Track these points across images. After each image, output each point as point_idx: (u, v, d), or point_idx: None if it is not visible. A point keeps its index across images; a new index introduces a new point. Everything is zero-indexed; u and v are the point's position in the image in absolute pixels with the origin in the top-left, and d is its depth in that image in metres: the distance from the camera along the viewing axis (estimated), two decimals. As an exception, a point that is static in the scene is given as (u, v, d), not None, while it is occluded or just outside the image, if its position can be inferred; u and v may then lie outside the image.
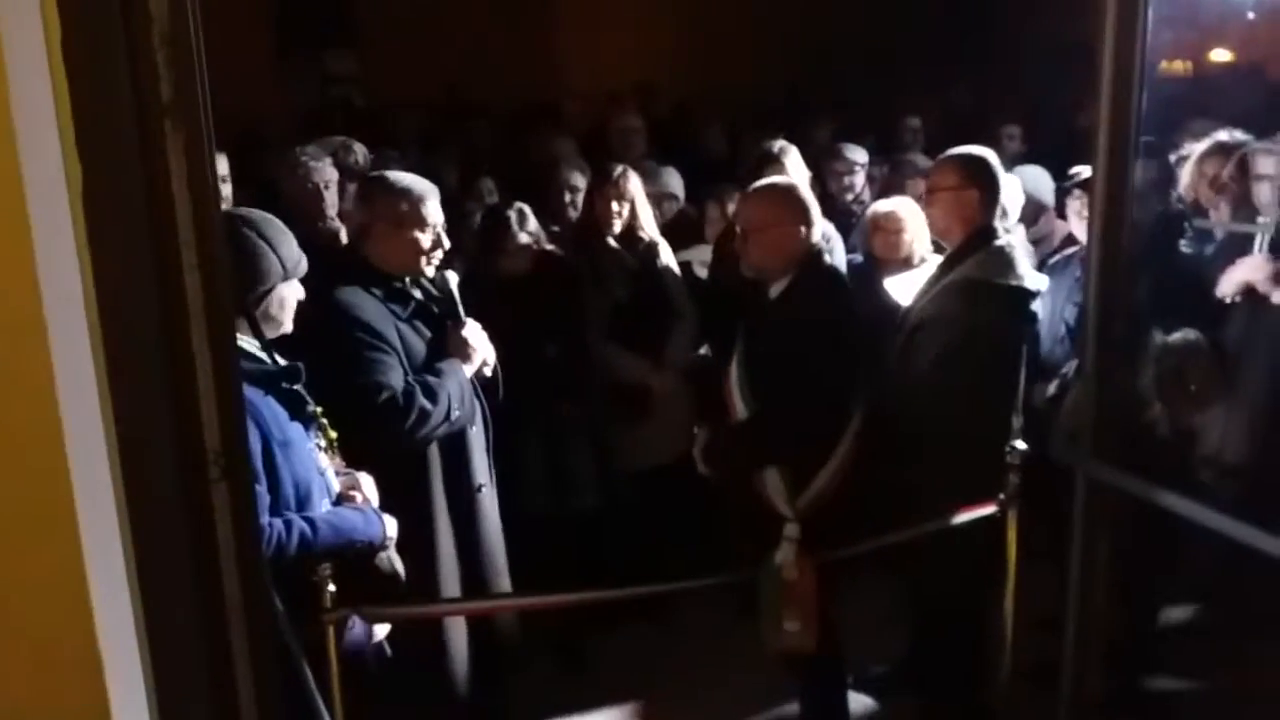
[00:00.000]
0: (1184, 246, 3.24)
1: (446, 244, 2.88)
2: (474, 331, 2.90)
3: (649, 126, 5.43)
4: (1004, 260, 2.98)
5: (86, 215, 1.04)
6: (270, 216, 2.36)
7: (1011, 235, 3.17)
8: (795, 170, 3.90)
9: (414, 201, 2.79)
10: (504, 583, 3.04)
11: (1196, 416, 2.89)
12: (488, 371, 2.97)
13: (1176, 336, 2.92)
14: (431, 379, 2.74)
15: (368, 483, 2.52)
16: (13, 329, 1.05)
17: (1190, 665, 3.46)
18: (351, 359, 2.65)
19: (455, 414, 2.77)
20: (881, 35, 8.04)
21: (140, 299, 1.11)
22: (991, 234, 3.00)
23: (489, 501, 2.97)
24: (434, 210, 2.82)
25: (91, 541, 1.11)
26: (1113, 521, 2.16)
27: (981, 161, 3.04)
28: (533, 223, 3.54)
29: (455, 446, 2.86)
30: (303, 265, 2.35)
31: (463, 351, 2.86)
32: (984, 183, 3.01)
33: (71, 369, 1.06)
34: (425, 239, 2.81)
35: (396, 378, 2.69)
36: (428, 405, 2.69)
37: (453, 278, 2.95)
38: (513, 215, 3.49)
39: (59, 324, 1.05)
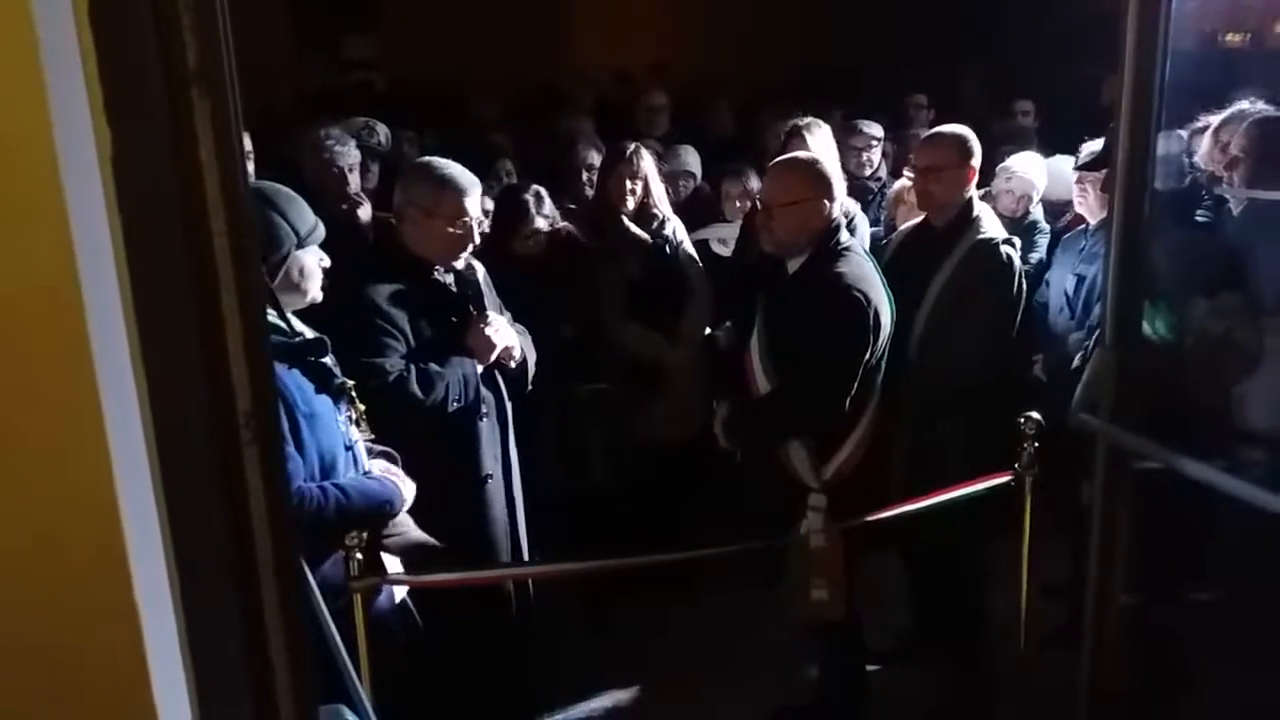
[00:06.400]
0: (1200, 216, 3.24)
1: (477, 240, 2.86)
2: (494, 325, 2.87)
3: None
4: (994, 219, 3.20)
5: (116, 180, 1.05)
6: (279, 186, 2.35)
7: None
8: (823, 146, 3.88)
9: (451, 193, 2.77)
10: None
11: (1242, 381, 2.90)
12: (512, 364, 2.95)
13: (1225, 299, 2.94)
14: (434, 368, 2.72)
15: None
16: (48, 296, 1.07)
17: (1214, 638, 3.45)
18: (355, 338, 2.64)
19: (454, 405, 2.75)
20: (893, 10, 8.01)
21: (170, 264, 1.13)
22: (972, 200, 3.21)
23: (495, 491, 2.94)
24: (472, 205, 2.80)
25: (128, 506, 1.14)
26: (1133, 490, 2.16)
27: (972, 139, 3.23)
28: (548, 205, 3.54)
29: (465, 436, 2.85)
30: (319, 232, 2.34)
31: (478, 344, 2.83)
32: (976, 157, 3.22)
33: (105, 332, 1.08)
34: (457, 231, 2.78)
35: (392, 362, 2.67)
36: (418, 393, 2.67)
37: (480, 268, 2.92)
38: (530, 199, 3.47)
39: (92, 288, 1.06)
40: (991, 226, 3.16)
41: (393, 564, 2.44)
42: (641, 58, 7.43)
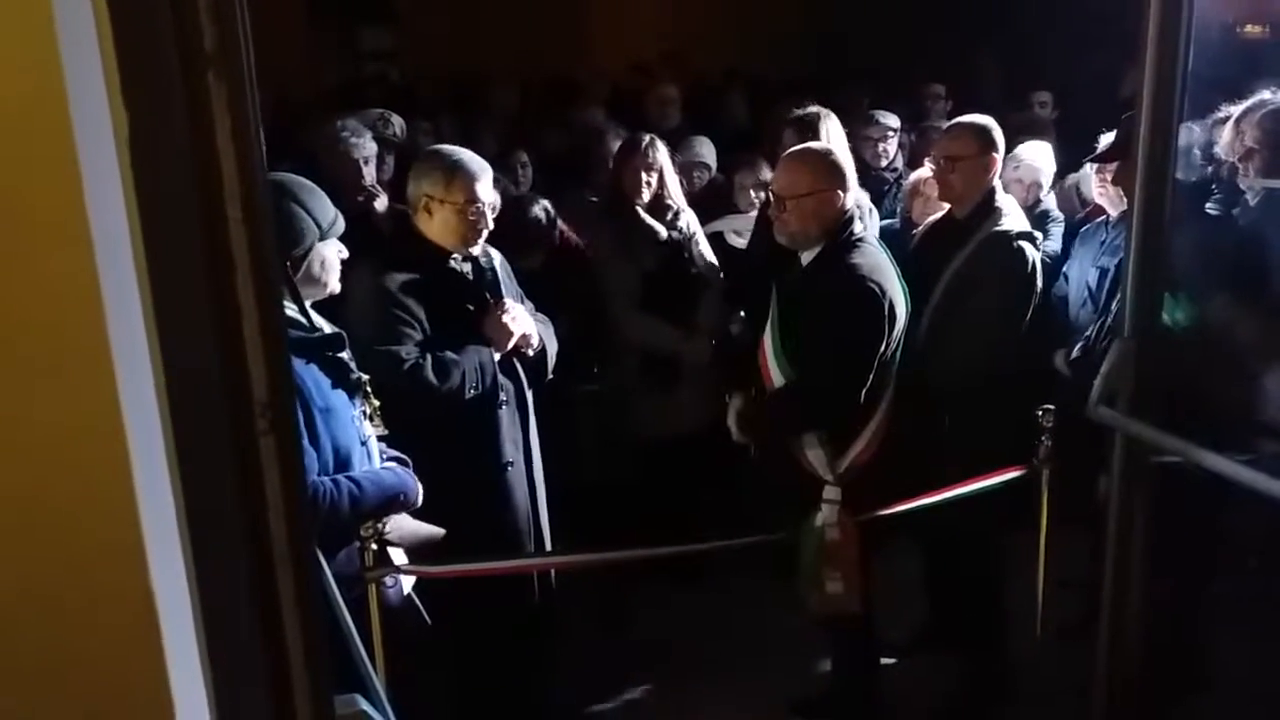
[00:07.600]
0: (1217, 208, 3.21)
1: (490, 225, 2.86)
2: (512, 313, 2.87)
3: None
4: (1018, 213, 3.19)
5: (133, 165, 1.05)
6: (301, 179, 2.34)
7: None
8: (833, 137, 3.84)
9: (461, 179, 2.77)
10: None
11: (1260, 372, 2.88)
12: (530, 351, 2.96)
13: (1242, 289, 2.92)
14: (449, 356, 2.72)
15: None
16: (65, 282, 1.06)
17: (1233, 630, 3.43)
18: (372, 327, 2.65)
19: (470, 392, 2.75)
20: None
21: (187, 249, 1.13)
22: (995, 192, 3.20)
23: (517, 478, 2.95)
24: (483, 190, 2.79)
25: (144, 496, 1.13)
26: (1150, 482, 2.14)
27: (994, 129, 3.21)
28: (551, 213, 3.56)
29: (485, 424, 2.85)
30: (340, 224, 2.33)
31: (495, 332, 2.84)
32: (999, 148, 3.20)
33: (121, 318, 1.08)
34: (469, 216, 2.78)
35: (407, 350, 2.68)
36: (433, 381, 2.68)
37: (497, 256, 2.92)
38: (540, 212, 3.49)
39: (108, 273, 1.06)
40: (1012, 219, 3.14)
41: (398, 558, 2.43)
42: (655, 47, 7.41)
